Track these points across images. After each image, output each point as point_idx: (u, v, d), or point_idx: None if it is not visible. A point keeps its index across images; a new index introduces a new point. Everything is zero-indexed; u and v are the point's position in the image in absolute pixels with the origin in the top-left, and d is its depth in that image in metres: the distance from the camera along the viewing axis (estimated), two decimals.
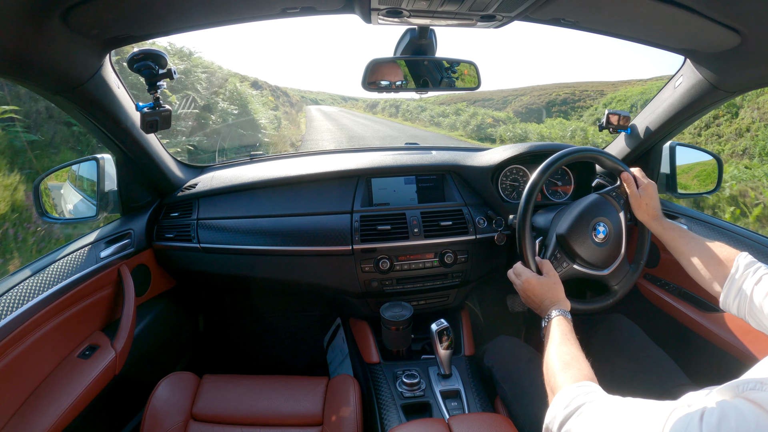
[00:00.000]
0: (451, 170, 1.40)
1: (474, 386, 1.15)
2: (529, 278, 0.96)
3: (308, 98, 61.77)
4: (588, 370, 0.70)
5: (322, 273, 1.30)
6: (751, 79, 0.98)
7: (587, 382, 0.66)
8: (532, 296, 0.95)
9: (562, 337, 0.80)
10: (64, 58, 0.81)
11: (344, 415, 1.03)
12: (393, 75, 1.09)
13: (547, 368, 0.75)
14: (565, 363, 0.72)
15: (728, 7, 0.75)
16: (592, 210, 1.06)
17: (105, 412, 1.11)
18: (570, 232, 1.04)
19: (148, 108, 0.98)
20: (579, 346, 0.77)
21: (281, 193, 1.34)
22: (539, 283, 0.95)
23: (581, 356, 0.74)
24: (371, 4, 0.82)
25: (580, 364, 0.72)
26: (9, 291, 0.88)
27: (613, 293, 1.07)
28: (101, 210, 1.20)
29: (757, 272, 0.77)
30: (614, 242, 1.06)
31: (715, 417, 0.44)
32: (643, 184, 1.03)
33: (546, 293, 0.93)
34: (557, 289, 0.94)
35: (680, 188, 1.39)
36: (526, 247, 1.02)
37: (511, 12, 0.86)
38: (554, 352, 0.77)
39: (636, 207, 1.03)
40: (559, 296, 0.93)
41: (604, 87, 19.87)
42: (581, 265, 1.05)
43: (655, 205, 1.02)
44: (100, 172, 1.20)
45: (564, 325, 0.83)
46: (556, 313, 0.87)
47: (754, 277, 0.77)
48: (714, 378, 0.73)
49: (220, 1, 0.83)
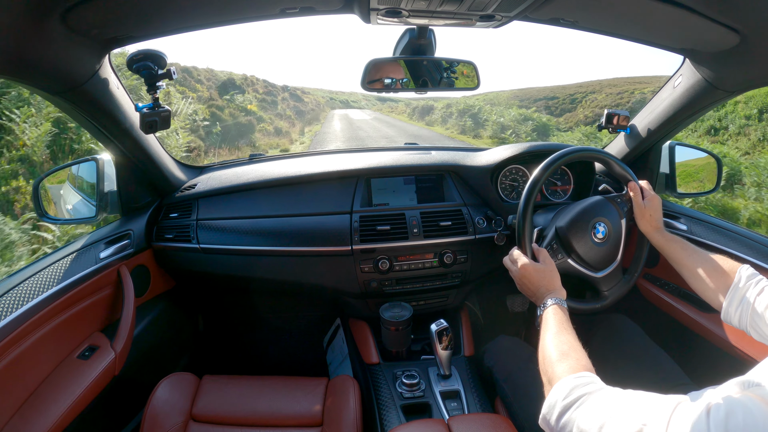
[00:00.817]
0: (451, 170, 1.40)
1: (474, 386, 1.15)
2: (526, 264, 0.96)
3: (338, 100, 56.39)
4: (586, 360, 0.69)
5: (322, 273, 1.30)
6: (750, 78, 0.98)
7: (586, 373, 0.65)
8: (527, 283, 0.95)
9: (559, 326, 0.78)
10: (64, 59, 0.81)
11: (344, 415, 1.03)
12: (392, 75, 1.09)
13: (543, 357, 0.73)
14: (563, 353, 0.71)
15: (727, 7, 0.75)
16: (595, 209, 1.06)
17: (105, 412, 1.11)
18: (570, 226, 1.04)
19: (147, 108, 0.98)
20: (575, 335, 0.76)
21: (281, 193, 1.34)
22: (535, 270, 0.94)
23: (578, 346, 0.73)
24: (370, 4, 0.82)
25: (577, 354, 0.70)
26: (9, 291, 0.88)
27: (603, 298, 1.06)
28: (101, 210, 1.20)
29: (759, 283, 0.77)
30: (612, 245, 1.05)
31: (723, 412, 0.44)
32: (649, 196, 1.03)
33: (542, 280, 0.93)
34: (553, 277, 0.93)
35: (680, 188, 1.39)
36: (525, 234, 1.01)
37: (510, 12, 0.86)
38: (550, 341, 0.75)
39: (639, 217, 1.04)
40: (555, 284, 0.92)
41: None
42: (576, 261, 1.04)
43: (659, 218, 1.02)
44: (100, 173, 1.20)
45: (560, 314, 0.82)
46: (551, 301, 0.86)
47: (756, 288, 0.77)
48: (714, 378, 0.73)
49: (220, 1, 0.83)
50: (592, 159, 1.09)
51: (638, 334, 1.14)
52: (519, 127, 15.09)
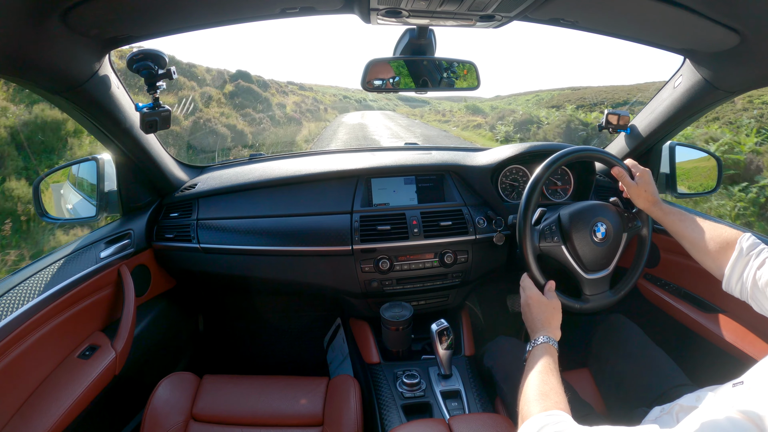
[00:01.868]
0: (451, 170, 1.40)
1: (474, 386, 1.15)
2: (532, 294, 0.96)
3: (353, 99, 43.70)
4: (564, 405, 0.66)
5: (322, 273, 1.30)
6: (750, 78, 0.98)
7: (557, 411, 0.63)
8: (527, 311, 0.95)
9: (545, 366, 0.76)
10: (64, 58, 0.81)
11: (344, 415, 1.03)
12: (393, 75, 1.09)
13: (522, 396, 0.72)
14: (543, 393, 0.69)
15: (728, 7, 0.75)
16: (602, 209, 1.06)
17: (105, 412, 1.11)
18: (573, 216, 1.04)
19: (147, 108, 0.99)
20: (559, 378, 0.74)
21: (281, 193, 1.34)
22: (539, 302, 0.94)
23: (560, 389, 0.70)
24: (370, 4, 0.82)
25: (557, 397, 0.68)
26: (9, 291, 0.89)
27: (584, 300, 1.05)
28: (101, 210, 1.21)
29: (761, 254, 0.77)
30: (608, 250, 1.05)
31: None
32: (639, 171, 1.01)
33: (541, 314, 0.91)
34: (553, 316, 0.91)
35: (680, 188, 1.39)
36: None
37: (510, 12, 0.86)
38: (533, 380, 0.73)
39: (635, 196, 1.02)
40: (553, 323, 0.90)
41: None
42: (568, 251, 1.04)
43: (653, 191, 1.00)
44: (100, 173, 1.20)
45: (548, 355, 0.79)
46: (543, 339, 0.84)
47: (758, 260, 0.76)
48: (714, 378, 0.73)
49: (220, 1, 0.83)
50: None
51: (637, 334, 1.14)
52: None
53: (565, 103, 18.63)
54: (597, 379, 1.12)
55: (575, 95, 20.57)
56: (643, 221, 1.08)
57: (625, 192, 1.04)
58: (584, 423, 0.59)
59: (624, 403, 1.00)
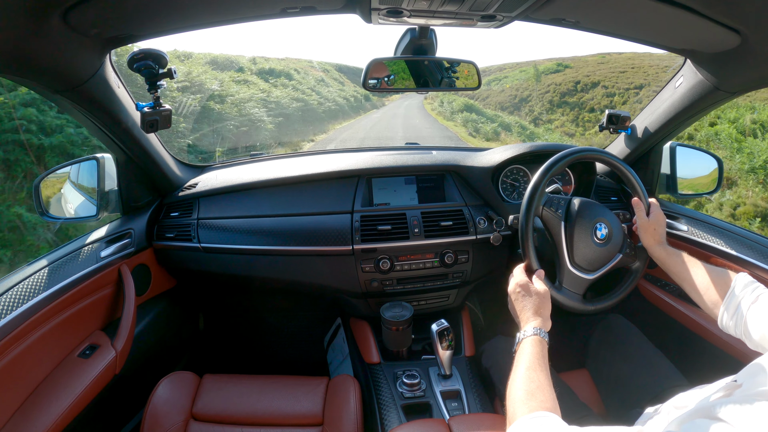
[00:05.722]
0: (452, 170, 1.40)
1: (474, 387, 1.15)
2: (522, 281, 0.92)
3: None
4: (551, 403, 0.65)
5: (323, 273, 1.30)
6: (751, 79, 0.98)
7: (543, 413, 0.62)
8: (518, 299, 0.91)
9: (533, 361, 0.74)
10: (64, 58, 0.81)
11: (344, 415, 1.03)
12: (393, 74, 1.09)
13: (509, 395, 0.70)
14: (529, 392, 0.67)
15: (728, 7, 0.75)
16: (613, 217, 1.05)
17: (105, 411, 1.11)
18: (580, 208, 1.03)
19: (148, 107, 0.99)
20: (548, 372, 0.72)
21: (281, 192, 1.34)
22: (529, 289, 0.90)
23: (547, 385, 0.69)
24: (371, 4, 0.82)
25: (544, 395, 0.66)
26: (9, 290, 0.89)
27: (556, 288, 1.00)
28: (102, 209, 1.21)
29: (754, 291, 0.77)
30: (597, 255, 1.03)
31: None
32: (656, 212, 1.01)
33: (531, 302, 0.87)
34: (543, 305, 0.88)
35: (681, 189, 1.39)
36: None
37: (512, 12, 0.86)
38: (520, 376, 0.71)
39: (643, 231, 1.01)
40: (544, 313, 0.86)
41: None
42: (565, 232, 1.02)
43: (662, 233, 1.00)
44: (101, 172, 1.20)
45: (538, 348, 0.77)
46: (532, 331, 0.81)
47: (751, 297, 0.76)
48: (713, 379, 0.73)
49: (220, 0, 0.83)
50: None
51: (636, 334, 1.14)
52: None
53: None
54: (596, 380, 1.12)
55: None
56: (639, 256, 1.05)
57: (635, 225, 1.03)
58: (581, 424, 0.58)
59: (622, 403, 1.00)
